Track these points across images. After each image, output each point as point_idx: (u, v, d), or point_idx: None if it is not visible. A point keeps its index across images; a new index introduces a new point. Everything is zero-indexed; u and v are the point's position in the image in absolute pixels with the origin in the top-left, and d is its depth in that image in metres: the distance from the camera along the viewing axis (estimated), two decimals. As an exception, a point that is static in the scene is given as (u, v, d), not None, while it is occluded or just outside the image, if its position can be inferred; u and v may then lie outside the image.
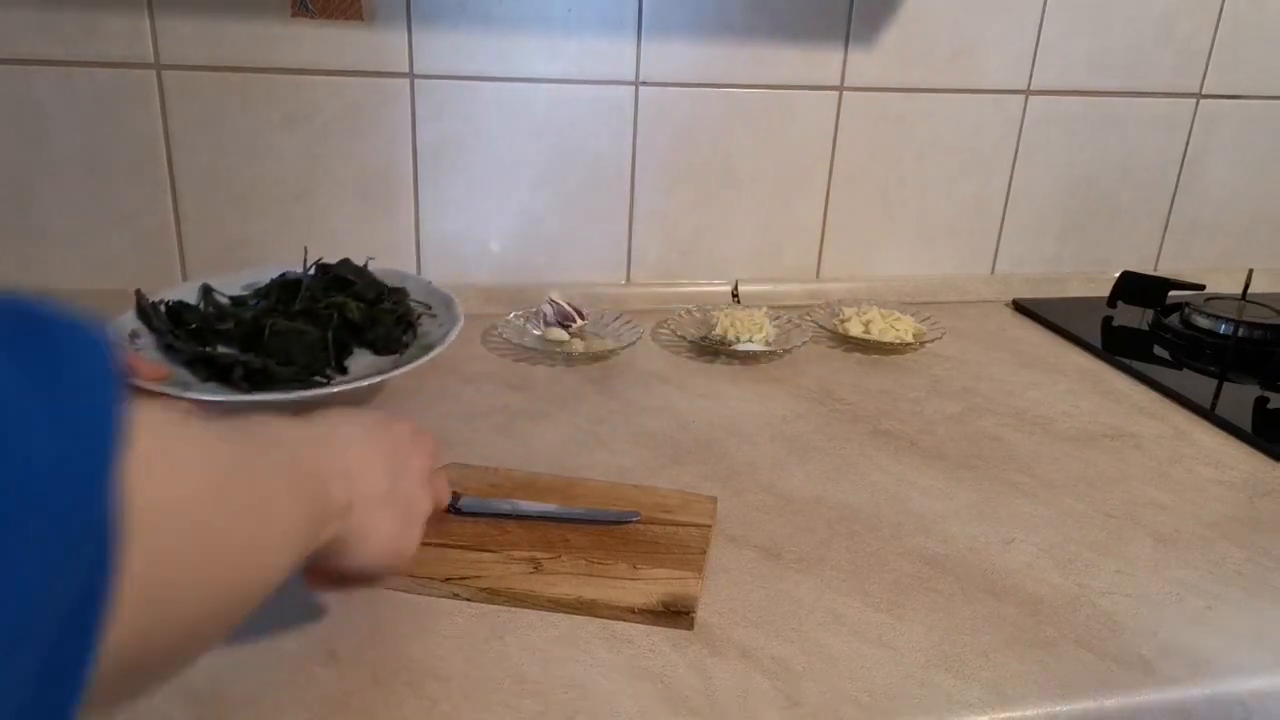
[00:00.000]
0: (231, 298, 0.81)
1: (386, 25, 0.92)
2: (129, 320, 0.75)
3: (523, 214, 1.02)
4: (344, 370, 0.74)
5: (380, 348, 0.77)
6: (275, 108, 0.93)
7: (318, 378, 0.72)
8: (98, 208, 0.93)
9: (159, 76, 0.90)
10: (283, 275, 0.82)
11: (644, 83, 1.00)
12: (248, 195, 0.95)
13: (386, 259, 1.00)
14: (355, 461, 0.45)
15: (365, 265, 0.83)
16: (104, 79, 0.89)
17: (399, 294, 0.82)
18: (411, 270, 1.00)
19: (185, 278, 0.96)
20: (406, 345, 0.77)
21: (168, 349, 0.73)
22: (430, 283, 0.84)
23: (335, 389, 0.68)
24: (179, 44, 0.89)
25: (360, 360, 0.76)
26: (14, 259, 0.92)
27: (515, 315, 0.96)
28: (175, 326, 0.76)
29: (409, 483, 0.50)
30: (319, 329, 0.73)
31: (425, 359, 0.71)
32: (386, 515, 0.47)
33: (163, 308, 0.77)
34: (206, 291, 0.81)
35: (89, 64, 0.88)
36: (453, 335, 0.75)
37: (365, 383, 0.69)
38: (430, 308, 0.82)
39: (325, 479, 0.42)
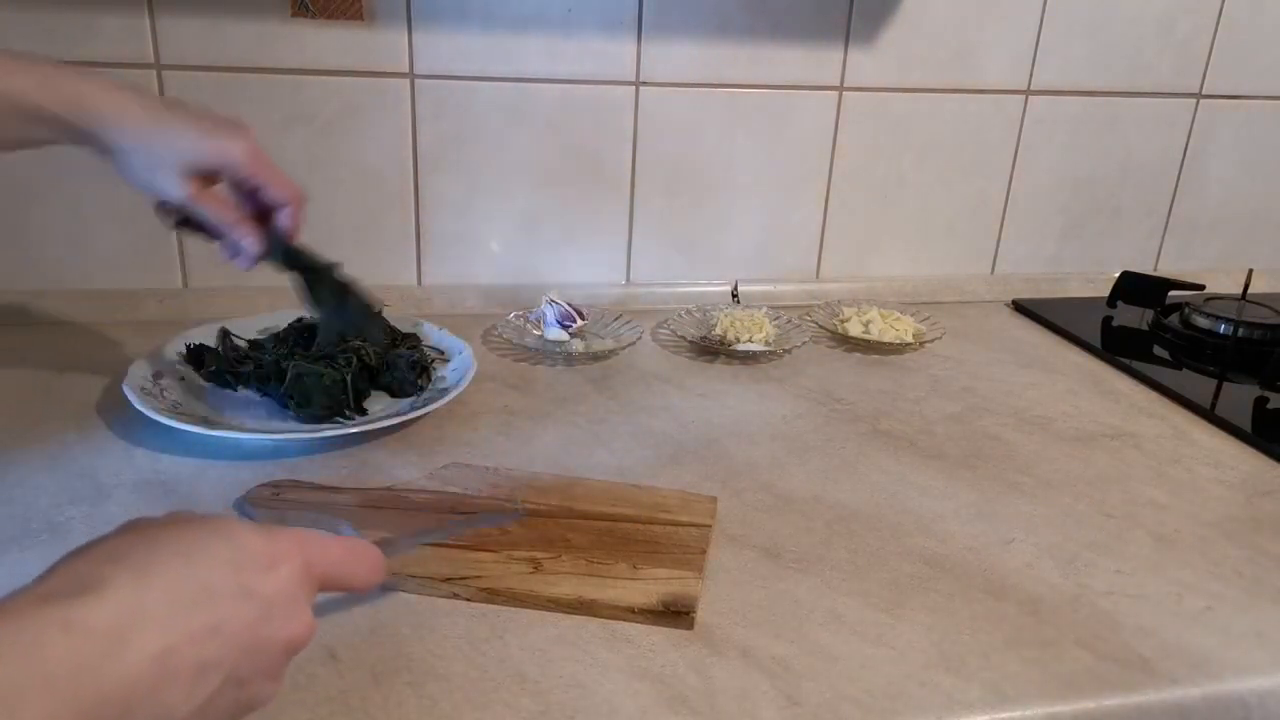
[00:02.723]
0: (249, 341, 0.84)
1: (386, 25, 0.92)
2: (150, 362, 0.78)
3: (523, 214, 1.02)
4: (363, 411, 0.77)
5: (396, 391, 0.79)
6: (275, 108, 0.93)
7: (339, 418, 0.75)
8: (98, 208, 0.93)
9: (159, 76, 0.90)
10: (298, 320, 0.84)
11: (644, 83, 1.00)
12: (248, 195, 0.95)
13: (386, 259, 1.00)
14: (144, 684, 0.32)
15: (380, 312, 0.86)
16: (104, 79, 0.88)
17: (412, 339, 0.85)
18: (411, 274, 1.01)
19: (185, 279, 0.96)
20: (421, 389, 0.80)
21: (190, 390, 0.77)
22: (444, 330, 0.87)
23: (355, 428, 0.72)
24: (179, 44, 0.89)
25: (378, 403, 0.79)
26: (14, 259, 0.92)
27: (515, 315, 0.96)
28: (198, 368, 0.79)
29: (236, 687, 0.36)
30: (338, 372, 0.76)
31: (442, 401, 0.76)
32: None
33: (184, 349, 0.81)
34: (224, 335, 0.84)
35: (89, 64, 0.88)
36: (466, 380, 0.79)
37: (385, 422, 0.73)
38: (443, 353, 0.86)
39: None
